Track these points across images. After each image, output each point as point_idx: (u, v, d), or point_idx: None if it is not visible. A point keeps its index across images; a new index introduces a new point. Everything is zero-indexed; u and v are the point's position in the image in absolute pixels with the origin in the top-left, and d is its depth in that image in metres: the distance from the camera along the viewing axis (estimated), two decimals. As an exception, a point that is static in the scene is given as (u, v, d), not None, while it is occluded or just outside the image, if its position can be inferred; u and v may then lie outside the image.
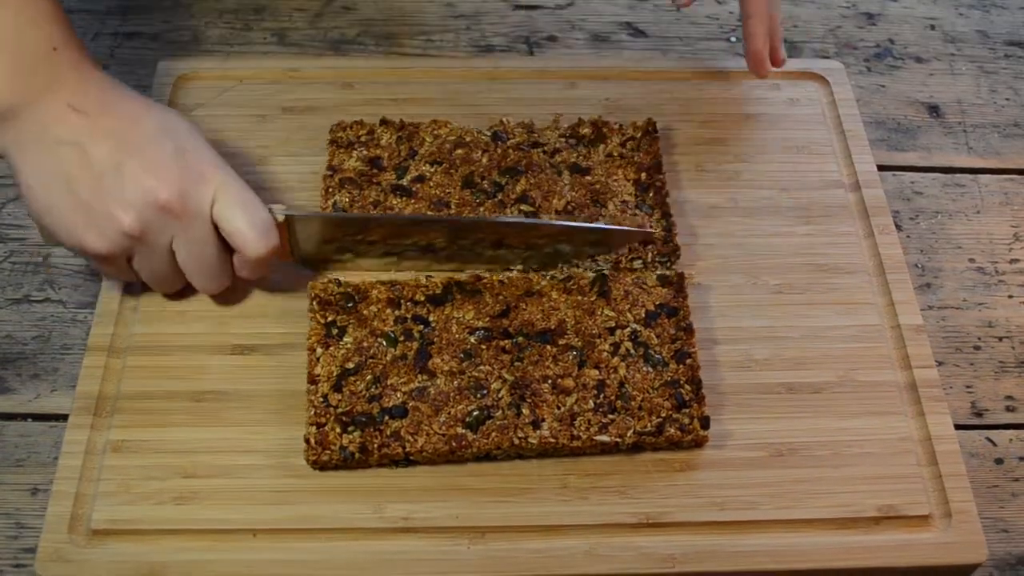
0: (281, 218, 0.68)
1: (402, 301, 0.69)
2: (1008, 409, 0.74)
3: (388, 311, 0.68)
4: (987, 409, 0.74)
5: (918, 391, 0.70)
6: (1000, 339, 0.77)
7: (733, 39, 0.95)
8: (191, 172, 0.65)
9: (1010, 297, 0.79)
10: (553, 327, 0.68)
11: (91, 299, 0.75)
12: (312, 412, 0.64)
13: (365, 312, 0.68)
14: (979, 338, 0.77)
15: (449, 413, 0.64)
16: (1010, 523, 0.69)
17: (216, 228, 0.66)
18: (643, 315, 0.69)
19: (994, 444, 0.72)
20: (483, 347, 0.67)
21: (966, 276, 0.81)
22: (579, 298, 0.69)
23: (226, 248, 0.67)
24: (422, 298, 0.69)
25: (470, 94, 0.84)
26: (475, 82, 0.85)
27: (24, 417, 0.71)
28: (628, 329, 0.68)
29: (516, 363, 0.66)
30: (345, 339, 0.67)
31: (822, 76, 0.87)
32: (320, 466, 0.64)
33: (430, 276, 0.70)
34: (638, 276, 0.71)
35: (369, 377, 0.65)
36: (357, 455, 0.63)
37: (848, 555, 0.63)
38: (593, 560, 0.63)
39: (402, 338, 0.67)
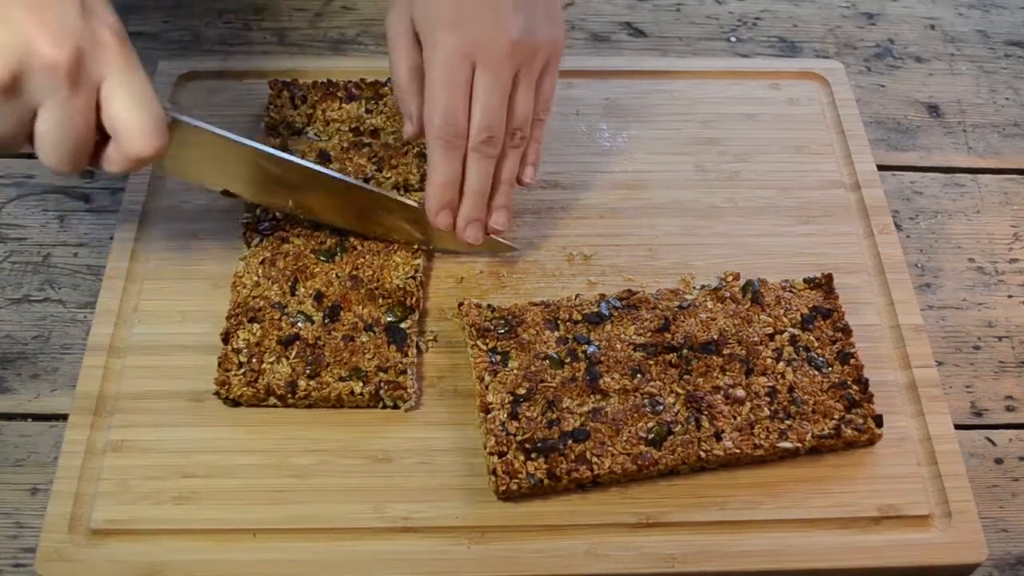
0: (169, 119, 0.61)
1: (560, 322, 0.69)
2: (1008, 409, 0.74)
3: (548, 333, 0.68)
4: (987, 409, 0.74)
5: (918, 390, 0.70)
6: (1000, 339, 0.77)
7: (733, 39, 0.95)
8: (93, 36, 0.57)
9: (1010, 297, 0.79)
10: (715, 337, 0.68)
11: (91, 299, 0.75)
12: (493, 441, 0.64)
13: (525, 336, 0.68)
14: (979, 338, 0.77)
15: (629, 432, 0.64)
16: (1010, 523, 0.69)
17: (97, 107, 0.58)
18: (799, 319, 0.69)
19: (994, 444, 0.72)
20: (650, 363, 0.67)
21: (966, 276, 0.80)
22: (734, 307, 0.70)
23: (97, 131, 0.59)
24: (579, 317, 0.69)
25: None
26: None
27: (24, 417, 0.71)
28: (786, 334, 0.68)
29: (685, 376, 0.66)
30: (511, 364, 0.67)
31: (822, 76, 0.87)
32: (507, 496, 0.63)
33: (579, 295, 0.71)
34: (786, 280, 0.72)
35: (543, 402, 0.65)
36: (546, 482, 0.63)
37: (848, 555, 0.63)
38: (593, 560, 0.63)
39: (568, 359, 0.67)
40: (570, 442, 0.64)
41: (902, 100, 0.92)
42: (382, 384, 0.66)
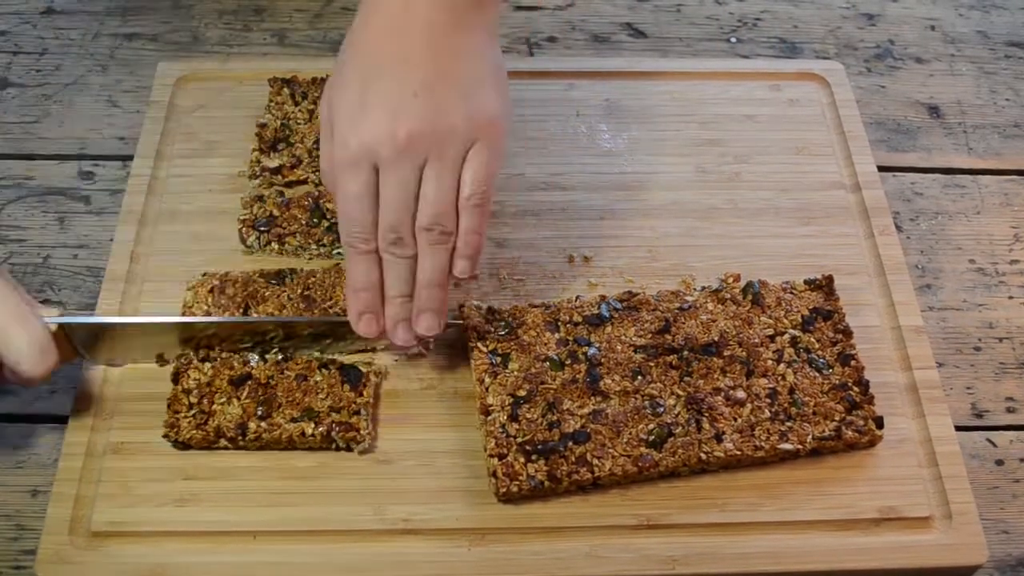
0: (54, 327, 0.63)
1: (560, 324, 0.69)
2: (1008, 410, 0.74)
3: (548, 335, 0.68)
4: (987, 410, 0.74)
5: (918, 392, 0.70)
6: (1000, 340, 0.77)
7: (733, 39, 0.95)
8: None
9: (1010, 298, 0.79)
10: (716, 339, 0.68)
11: (91, 300, 0.75)
12: (493, 443, 0.63)
13: (525, 337, 0.68)
14: (979, 339, 0.77)
15: (630, 433, 0.64)
16: (1011, 524, 0.69)
17: None
18: (800, 320, 0.69)
19: (994, 445, 0.72)
20: (651, 364, 0.67)
21: (966, 277, 0.80)
22: (735, 308, 0.70)
23: None
24: (580, 319, 0.69)
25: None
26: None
27: (24, 419, 0.71)
28: (787, 335, 0.68)
29: (686, 378, 0.66)
30: (511, 366, 0.67)
31: (822, 77, 0.87)
32: (507, 498, 0.63)
33: (580, 296, 0.70)
34: (787, 282, 0.72)
35: (543, 404, 0.65)
36: (546, 483, 0.63)
37: (849, 556, 0.63)
38: (593, 562, 0.63)
39: (568, 361, 0.67)
40: (570, 444, 0.64)
41: (902, 101, 0.92)
42: (334, 425, 0.65)
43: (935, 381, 0.70)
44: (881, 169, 0.83)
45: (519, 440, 0.64)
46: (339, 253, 0.74)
